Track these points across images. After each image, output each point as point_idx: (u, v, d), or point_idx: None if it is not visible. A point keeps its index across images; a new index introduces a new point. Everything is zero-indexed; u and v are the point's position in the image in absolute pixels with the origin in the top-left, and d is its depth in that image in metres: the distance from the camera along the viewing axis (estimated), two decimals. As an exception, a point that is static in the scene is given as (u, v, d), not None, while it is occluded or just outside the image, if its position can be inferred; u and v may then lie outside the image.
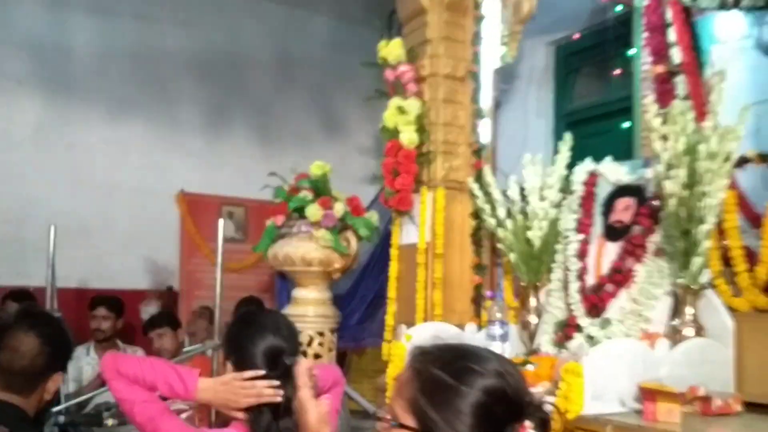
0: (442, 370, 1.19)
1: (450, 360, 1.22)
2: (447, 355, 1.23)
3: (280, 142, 6.40)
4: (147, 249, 5.83)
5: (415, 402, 1.21)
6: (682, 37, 3.61)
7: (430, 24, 3.76)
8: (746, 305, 2.61)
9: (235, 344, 1.99)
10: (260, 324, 1.98)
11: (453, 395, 1.17)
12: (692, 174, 2.51)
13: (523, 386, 1.21)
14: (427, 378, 1.21)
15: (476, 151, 3.71)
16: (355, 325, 4.54)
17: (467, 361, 1.20)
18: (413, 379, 1.24)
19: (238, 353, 1.97)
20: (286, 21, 6.60)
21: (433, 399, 1.19)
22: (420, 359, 1.25)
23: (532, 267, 3.22)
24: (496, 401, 1.16)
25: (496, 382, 1.17)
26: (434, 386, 1.20)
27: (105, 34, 5.82)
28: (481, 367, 1.18)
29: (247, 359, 1.92)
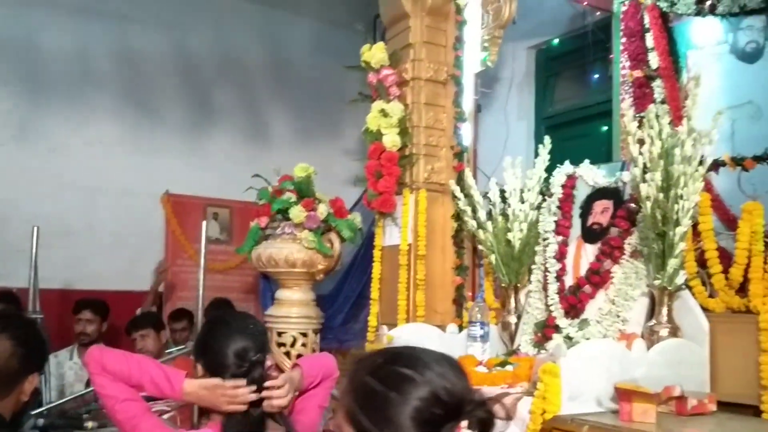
0: (373, 378, 1.19)
1: (381, 366, 1.20)
2: (379, 361, 1.22)
3: (265, 143, 6.42)
4: (132, 250, 5.82)
5: (352, 411, 1.20)
6: (660, 43, 3.68)
7: (413, 28, 3.81)
8: (721, 306, 2.66)
9: (205, 347, 2.04)
10: (228, 326, 2.04)
11: (384, 403, 1.16)
12: (667, 177, 2.56)
13: (462, 387, 1.19)
14: (359, 386, 1.21)
15: (458, 153, 3.76)
16: (339, 326, 4.56)
17: (400, 367, 1.18)
18: (348, 387, 1.24)
19: (208, 356, 2.01)
20: (272, 23, 6.62)
21: (365, 407, 1.18)
22: (354, 367, 1.24)
23: (512, 268, 3.27)
24: (430, 406, 1.14)
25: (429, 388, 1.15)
26: (366, 395, 1.19)
27: (89, 34, 5.81)
28: (415, 372, 1.16)
29: (217, 361, 1.97)
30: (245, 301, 5.73)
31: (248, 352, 2.03)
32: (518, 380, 2.60)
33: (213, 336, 2.08)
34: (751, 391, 2.48)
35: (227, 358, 2.03)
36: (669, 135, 2.59)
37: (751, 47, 3.80)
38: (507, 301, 3.32)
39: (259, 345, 2.09)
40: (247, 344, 2.04)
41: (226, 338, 2.04)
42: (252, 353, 2.04)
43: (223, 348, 2.04)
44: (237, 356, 2.02)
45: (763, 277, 2.54)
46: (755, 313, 2.50)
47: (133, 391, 1.97)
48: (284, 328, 3.95)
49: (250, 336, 2.06)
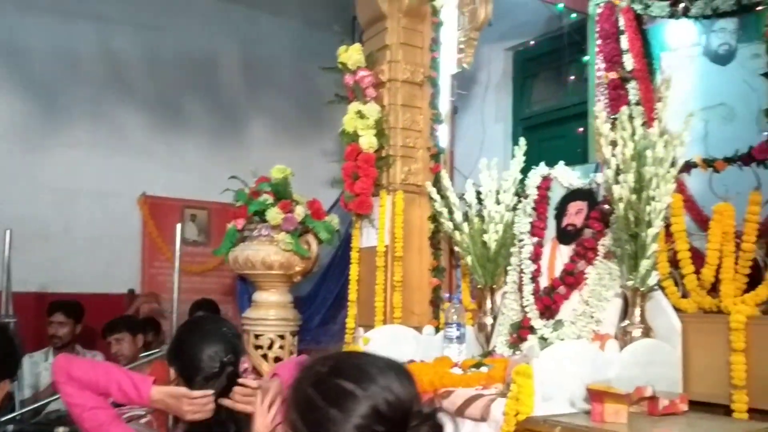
0: (316, 390, 1.15)
1: (324, 379, 1.16)
2: (323, 371, 1.17)
3: (243, 144, 6.40)
4: (108, 252, 5.78)
5: (293, 422, 1.17)
6: (634, 45, 3.71)
7: (389, 30, 3.80)
8: (693, 306, 2.69)
9: (178, 351, 2.04)
10: (201, 330, 2.06)
11: (325, 420, 1.12)
12: (640, 179, 2.57)
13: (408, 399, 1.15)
14: (302, 398, 1.17)
15: (434, 155, 3.76)
16: (317, 327, 4.56)
17: (343, 381, 1.14)
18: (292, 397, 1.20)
19: (181, 360, 2.01)
20: (250, 24, 6.59)
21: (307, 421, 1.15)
22: (300, 375, 1.21)
23: (488, 269, 3.28)
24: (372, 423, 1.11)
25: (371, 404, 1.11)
26: (308, 408, 1.15)
27: (65, 36, 5.77)
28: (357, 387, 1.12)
29: (190, 364, 1.97)
30: (223, 303, 5.69)
31: (220, 355, 2.04)
32: (493, 381, 2.60)
33: (185, 340, 2.09)
34: (722, 390, 2.50)
35: (200, 361, 2.04)
36: (641, 137, 2.61)
37: (724, 49, 3.84)
38: (483, 303, 3.33)
39: (231, 348, 2.09)
40: (219, 347, 2.05)
41: (199, 342, 2.05)
42: (223, 355, 2.05)
43: (196, 351, 2.06)
44: (209, 359, 2.03)
45: (734, 278, 2.57)
46: (726, 314, 2.53)
47: (101, 398, 1.96)
48: (262, 330, 3.94)
49: (223, 339, 2.07)
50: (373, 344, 3.07)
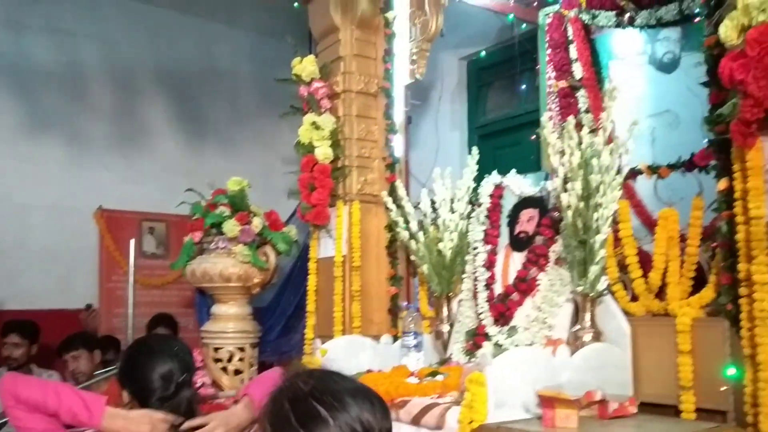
0: (291, 407, 1.16)
1: (302, 398, 1.17)
2: (302, 390, 1.18)
3: (201, 155, 6.36)
4: (64, 267, 5.70)
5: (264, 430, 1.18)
6: (582, 54, 3.80)
7: (343, 41, 3.83)
8: (641, 310, 2.75)
9: (129, 374, 2.03)
10: (150, 350, 2.06)
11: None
12: (587, 187, 2.63)
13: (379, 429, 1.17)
14: (277, 410, 1.18)
15: (389, 165, 3.80)
16: (277, 338, 4.55)
17: (319, 404, 1.15)
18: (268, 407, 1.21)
19: (133, 382, 2.00)
20: (207, 35, 6.57)
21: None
22: (281, 385, 1.22)
23: (444, 277, 3.31)
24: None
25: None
26: (280, 422, 1.16)
27: (19, 47, 5.68)
28: (330, 413, 1.14)
29: (143, 386, 1.96)
30: (184, 316, 5.65)
31: (173, 375, 2.03)
32: (448, 390, 2.63)
33: (135, 361, 2.07)
34: (671, 391, 2.57)
35: (152, 382, 2.02)
36: (588, 145, 2.67)
37: (668, 58, 3.95)
38: (440, 310, 3.37)
39: (184, 366, 2.08)
40: (171, 366, 2.04)
41: (149, 362, 2.03)
42: (177, 375, 2.04)
43: (147, 373, 2.04)
44: (162, 379, 2.02)
45: (680, 281, 2.64)
46: (673, 316, 2.59)
47: (52, 420, 1.92)
48: (221, 343, 3.93)
49: (174, 358, 2.06)
50: (331, 355, 3.08)
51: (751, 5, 2.06)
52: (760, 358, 2.18)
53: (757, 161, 2.19)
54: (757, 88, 2.02)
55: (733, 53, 2.13)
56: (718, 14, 2.30)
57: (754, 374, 2.22)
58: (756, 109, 2.05)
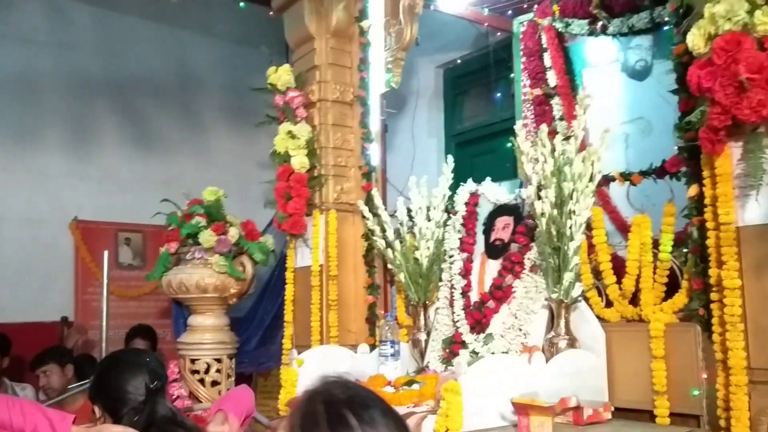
0: (325, 410, 1.19)
1: (336, 403, 1.21)
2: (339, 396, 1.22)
3: (177, 166, 6.31)
4: (38, 280, 5.62)
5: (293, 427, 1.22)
6: (556, 62, 3.83)
7: (318, 50, 3.84)
8: (616, 315, 2.77)
9: (100, 388, 2.02)
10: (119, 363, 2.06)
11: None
12: (560, 194, 2.65)
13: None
14: (309, 409, 1.22)
15: (366, 173, 3.80)
16: (255, 349, 4.53)
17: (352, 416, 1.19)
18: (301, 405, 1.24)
19: (104, 396, 1.99)
20: (185, 44, 6.54)
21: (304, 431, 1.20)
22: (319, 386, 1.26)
23: (421, 286, 3.31)
24: None
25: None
26: (310, 421, 1.20)
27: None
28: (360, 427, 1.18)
29: (114, 398, 1.94)
30: (161, 328, 5.58)
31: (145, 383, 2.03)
32: (424, 399, 2.63)
33: (106, 374, 2.06)
34: (645, 396, 2.59)
35: (124, 393, 2.02)
36: (561, 153, 2.69)
37: (641, 65, 3.99)
38: (417, 319, 3.36)
39: (156, 375, 2.08)
40: (143, 377, 2.04)
41: (121, 374, 2.03)
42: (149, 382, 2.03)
43: (120, 384, 2.04)
44: (134, 389, 2.02)
45: (653, 287, 2.66)
46: (647, 322, 2.62)
47: None
48: (198, 354, 3.91)
49: (145, 368, 2.05)
50: (307, 365, 3.07)
51: (718, 14, 2.08)
52: (732, 363, 2.20)
53: (725, 168, 2.22)
54: (724, 96, 2.05)
55: (701, 61, 2.16)
56: (686, 23, 2.34)
57: (726, 378, 2.25)
58: (723, 116, 2.08)
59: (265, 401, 4.92)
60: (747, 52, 2.02)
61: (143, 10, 6.18)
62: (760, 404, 2.17)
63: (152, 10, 6.17)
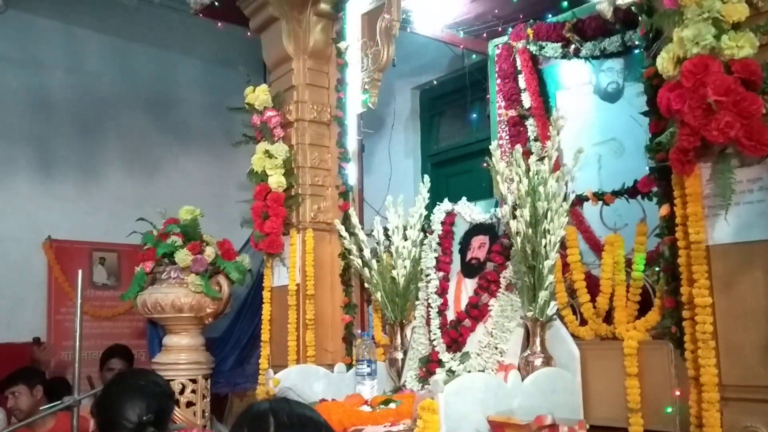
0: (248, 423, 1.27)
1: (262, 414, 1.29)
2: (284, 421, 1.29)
3: (154, 184, 6.28)
4: (10, 300, 5.54)
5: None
6: (530, 84, 3.90)
7: (295, 71, 3.87)
8: (590, 334, 2.80)
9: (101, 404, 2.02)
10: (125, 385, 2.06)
11: None
12: (535, 213, 2.68)
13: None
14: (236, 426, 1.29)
15: (343, 193, 3.82)
16: (231, 369, 4.49)
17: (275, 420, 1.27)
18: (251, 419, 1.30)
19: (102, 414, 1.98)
20: (161, 63, 6.53)
21: None
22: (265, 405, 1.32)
23: (397, 305, 3.33)
24: None
25: None
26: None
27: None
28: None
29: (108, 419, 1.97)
30: (135, 348, 5.50)
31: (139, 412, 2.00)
32: (401, 417, 2.63)
33: (109, 392, 2.04)
34: (620, 414, 2.61)
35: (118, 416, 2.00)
36: (535, 173, 2.73)
37: (612, 87, 4.07)
38: (394, 338, 3.37)
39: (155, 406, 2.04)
40: (140, 405, 2.01)
41: (118, 396, 2.02)
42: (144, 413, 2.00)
43: (116, 407, 2.01)
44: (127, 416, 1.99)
45: (627, 305, 2.69)
46: (620, 340, 2.65)
47: None
48: (173, 375, 3.86)
49: (146, 396, 2.03)
50: (284, 384, 3.06)
51: (686, 38, 2.14)
52: (704, 380, 2.24)
53: (695, 188, 2.27)
54: (693, 118, 2.10)
55: (670, 84, 2.21)
56: (655, 46, 2.40)
57: (698, 395, 2.28)
58: (692, 137, 2.13)
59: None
60: (714, 75, 2.07)
61: (120, 29, 6.17)
62: (732, 421, 2.21)
63: (130, 30, 6.18)
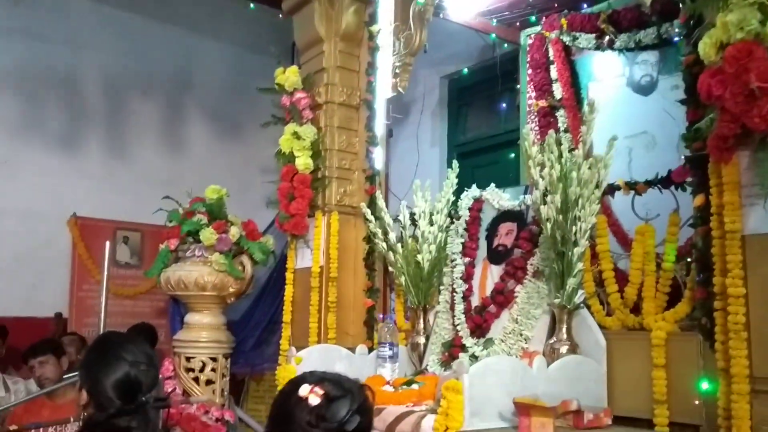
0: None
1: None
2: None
3: (180, 165, 6.32)
4: (34, 275, 5.60)
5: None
6: (563, 75, 3.86)
7: (326, 53, 3.85)
8: (617, 324, 2.77)
9: (88, 373, 1.89)
10: (115, 353, 1.88)
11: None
12: (566, 199, 2.66)
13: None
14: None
15: (369, 177, 3.81)
16: (250, 350, 4.50)
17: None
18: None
19: (91, 383, 1.86)
20: (190, 45, 6.56)
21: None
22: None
23: (421, 289, 3.31)
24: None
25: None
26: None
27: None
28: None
29: (99, 390, 1.82)
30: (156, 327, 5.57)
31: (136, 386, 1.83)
32: (423, 399, 2.63)
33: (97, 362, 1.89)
34: (645, 405, 2.59)
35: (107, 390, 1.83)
36: (567, 159, 2.70)
37: (646, 80, 4.02)
38: (416, 322, 3.36)
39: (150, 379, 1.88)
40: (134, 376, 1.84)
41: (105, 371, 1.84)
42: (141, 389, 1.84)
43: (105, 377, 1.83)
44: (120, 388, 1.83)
45: (655, 296, 2.67)
46: (648, 330, 2.62)
47: None
48: (193, 353, 3.87)
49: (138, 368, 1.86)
50: (306, 364, 3.05)
51: (730, 23, 2.10)
52: (734, 371, 2.20)
53: (733, 176, 2.23)
54: (734, 104, 2.06)
55: (712, 70, 2.17)
56: (696, 33, 2.36)
57: (728, 387, 2.25)
58: (733, 124, 2.09)
59: (256, 406, 4.90)
60: (758, 61, 2.03)
61: (151, 10, 6.21)
62: (762, 413, 2.17)
63: (161, 12, 6.21)
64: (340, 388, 1.38)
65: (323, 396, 1.36)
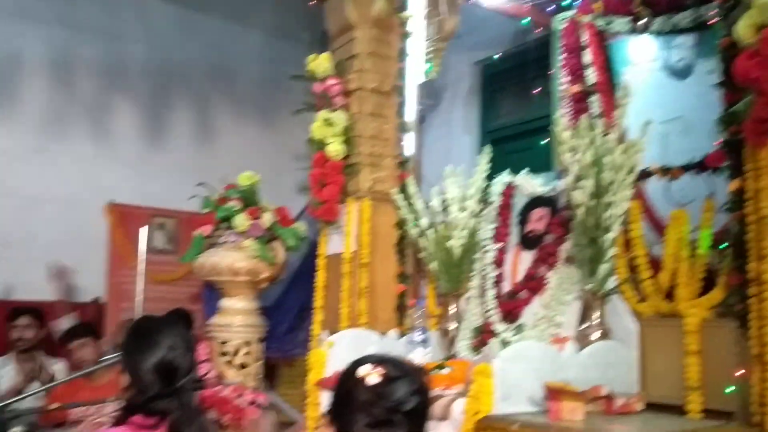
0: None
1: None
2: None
3: (213, 153, 6.38)
4: (72, 261, 5.70)
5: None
6: (597, 59, 3.82)
7: (358, 39, 3.84)
8: (650, 310, 2.76)
9: (127, 357, 1.91)
10: (153, 337, 1.90)
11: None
12: (598, 184, 2.64)
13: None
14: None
15: (401, 163, 3.81)
16: (283, 335, 4.55)
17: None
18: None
19: (130, 367, 1.88)
20: (222, 34, 6.60)
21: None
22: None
23: (452, 275, 3.32)
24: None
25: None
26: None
27: (33, 41, 5.73)
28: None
29: (137, 375, 1.85)
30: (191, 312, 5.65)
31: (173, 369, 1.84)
32: (454, 383, 2.64)
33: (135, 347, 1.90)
34: (678, 392, 2.57)
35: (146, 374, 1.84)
36: (601, 143, 2.68)
37: (682, 64, 3.94)
38: (447, 308, 3.37)
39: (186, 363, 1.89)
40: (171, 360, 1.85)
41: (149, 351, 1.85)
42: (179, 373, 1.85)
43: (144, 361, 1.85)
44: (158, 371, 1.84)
45: (689, 282, 2.64)
46: (681, 317, 2.60)
47: None
48: (227, 337, 3.93)
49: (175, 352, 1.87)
50: (337, 348, 3.09)
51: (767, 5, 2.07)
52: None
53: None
54: (772, 87, 2.03)
55: (749, 52, 2.14)
56: (733, 15, 2.32)
57: (763, 374, 2.22)
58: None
59: (288, 391, 4.95)
60: (797, 42, 2.00)
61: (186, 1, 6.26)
62: (797, 400, 2.15)
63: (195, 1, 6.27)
64: (399, 369, 1.39)
65: (383, 376, 1.37)
